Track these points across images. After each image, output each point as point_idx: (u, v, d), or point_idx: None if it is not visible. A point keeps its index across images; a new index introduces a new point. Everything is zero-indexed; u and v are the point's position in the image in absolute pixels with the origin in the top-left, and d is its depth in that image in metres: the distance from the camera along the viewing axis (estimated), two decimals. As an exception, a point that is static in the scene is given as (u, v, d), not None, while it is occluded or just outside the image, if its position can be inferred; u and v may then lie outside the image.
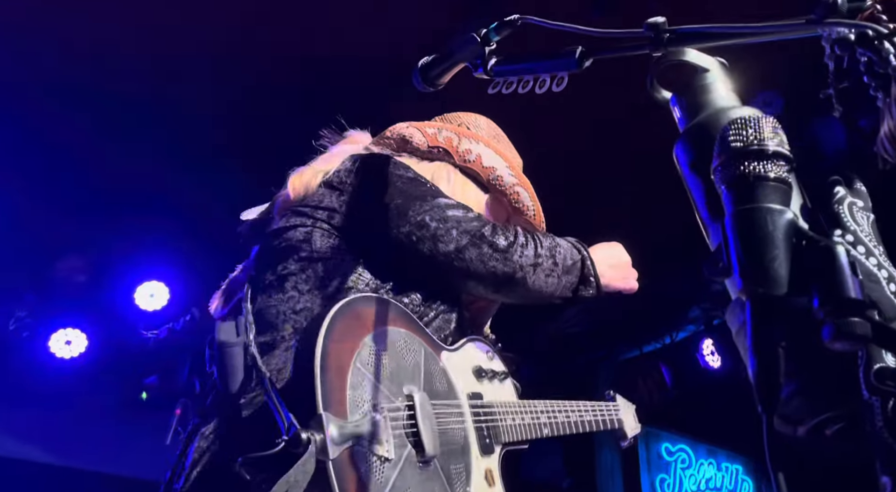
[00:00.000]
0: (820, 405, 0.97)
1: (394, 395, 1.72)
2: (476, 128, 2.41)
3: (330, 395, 1.57)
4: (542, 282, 2.02)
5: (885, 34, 1.02)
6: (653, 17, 1.43)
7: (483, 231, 1.97)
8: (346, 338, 1.69)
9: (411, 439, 1.70)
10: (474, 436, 1.94)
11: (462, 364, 2.04)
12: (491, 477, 1.93)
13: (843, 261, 0.86)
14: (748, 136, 0.98)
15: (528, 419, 2.17)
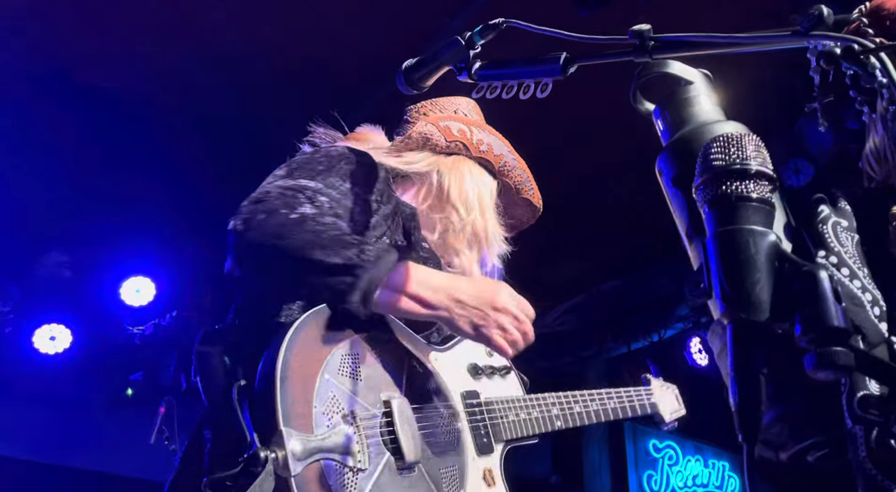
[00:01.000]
0: (803, 431, 0.95)
1: (370, 403, 1.70)
2: (469, 113, 2.37)
3: (292, 409, 1.55)
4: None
5: (871, 49, 1.00)
6: (637, 25, 1.41)
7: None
8: (313, 350, 1.67)
9: (390, 446, 1.68)
10: (470, 436, 1.91)
11: (455, 363, 2.01)
12: (490, 477, 1.90)
13: (826, 287, 0.84)
14: (731, 154, 0.96)
15: (535, 413, 2.12)
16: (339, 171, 1.90)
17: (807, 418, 0.94)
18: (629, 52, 1.39)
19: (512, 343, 1.81)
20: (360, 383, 1.71)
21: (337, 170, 1.90)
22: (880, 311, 0.98)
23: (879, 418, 0.84)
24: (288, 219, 1.66)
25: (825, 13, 1.09)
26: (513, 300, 1.83)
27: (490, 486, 1.89)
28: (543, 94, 1.72)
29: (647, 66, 1.22)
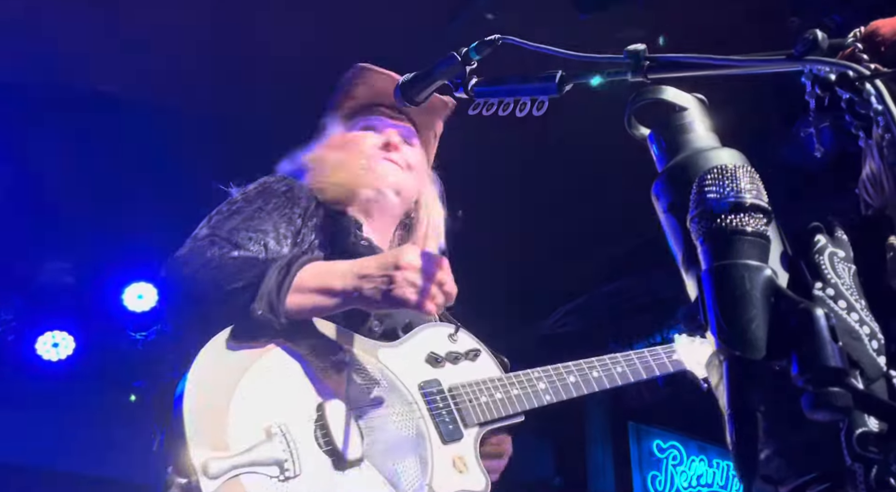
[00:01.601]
0: (802, 467, 0.94)
1: (301, 409, 1.73)
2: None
3: (204, 432, 1.60)
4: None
5: (866, 76, 0.99)
6: (633, 45, 1.41)
7: None
8: (229, 368, 1.71)
9: (326, 448, 1.70)
10: (431, 426, 1.90)
11: (409, 356, 2.01)
12: (462, 463, 1.89)
13: (823, 325, 0.83)
14: (725, 187, 0.96)
15: (515, 391, 2.08)
16: (251, 209, 2.03)
17: (806, 454, 0.94)
18: (624, 71, 1.40)
19: (430, 297, 1.81)
20: (288, 391, 1.75)
21: (249, 209, 2.03)
22: (878, 344, 0.98)
23: (879, 455, 0.84)
24: (197, 269, 1.82)
25: (820, 38, 1.09)
26: (417, 256, 1.84)
27: (462, 473, 1.87)
28: (539, 111, 1.72)
29: (641, 91, 1.22)
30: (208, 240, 1.90)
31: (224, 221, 1.98)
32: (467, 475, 1.87)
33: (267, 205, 2.06)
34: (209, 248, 1.86)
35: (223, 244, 1.88)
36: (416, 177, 2.40)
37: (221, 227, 1.96)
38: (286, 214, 2.06)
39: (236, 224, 1.96)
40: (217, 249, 1.85)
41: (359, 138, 2.39)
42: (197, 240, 1.93)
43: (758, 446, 0.84)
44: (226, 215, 2.01)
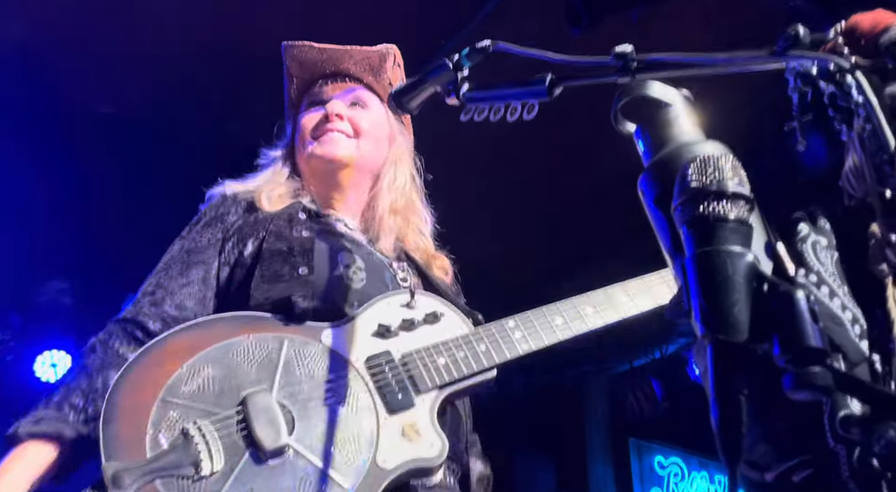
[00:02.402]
0: (787, 452, 0.95)
1: (223, 406, 1.74)
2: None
3: (120, 444, 1.64)
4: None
5: (847, 68, 1.01)
6: (620, 46, 1.43)
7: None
8: (149, 378, 1.75)
9: (247, 440, 1.70)
10: (377, 398, 1.84)
11: (356, 333, 1.94)
12: (413, 430, 1.82)
13: (803, 307, 0.84)
14: (707, 175, 0.97)
15: (482, 346, 1.96)
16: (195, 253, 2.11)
17: (790, 438, 0.94)
18: (613, 73, 1.42)
19: None
20: (211, 391, 1.75)
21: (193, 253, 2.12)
22: (860, 329, 0.98)
23: (861, 437, 0.84)
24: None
25: (801, 33, 1.10)
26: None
27: (412, 441, 1.81)
28: (530, 115, 1.73)
29: (627, 88, 1.24)
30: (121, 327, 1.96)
31: (147, 284, 2.06)
32: (418, 442, 1.81)
33: (196, 238, 2.14)
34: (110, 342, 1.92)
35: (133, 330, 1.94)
36: (371, 140, 2.32)
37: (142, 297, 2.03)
38: (209, 248, 2.11)
39: (155, 283, 2.05)
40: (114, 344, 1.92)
41: (304, 121, 2.35)
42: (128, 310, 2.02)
43: (742, 431, 0.84)
44: (151, 276, 2.09)
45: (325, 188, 2.31)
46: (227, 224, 2.17)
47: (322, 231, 2.16)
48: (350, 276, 2.06)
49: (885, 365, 0.98)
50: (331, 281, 2.02)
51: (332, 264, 2.06)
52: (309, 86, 2.41)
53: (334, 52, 2.37)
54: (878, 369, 0.98)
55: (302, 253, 2.03)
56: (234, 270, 2.09)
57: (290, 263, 2.01)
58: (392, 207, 2.30)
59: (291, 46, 2.37)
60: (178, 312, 2.00)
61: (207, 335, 1.85)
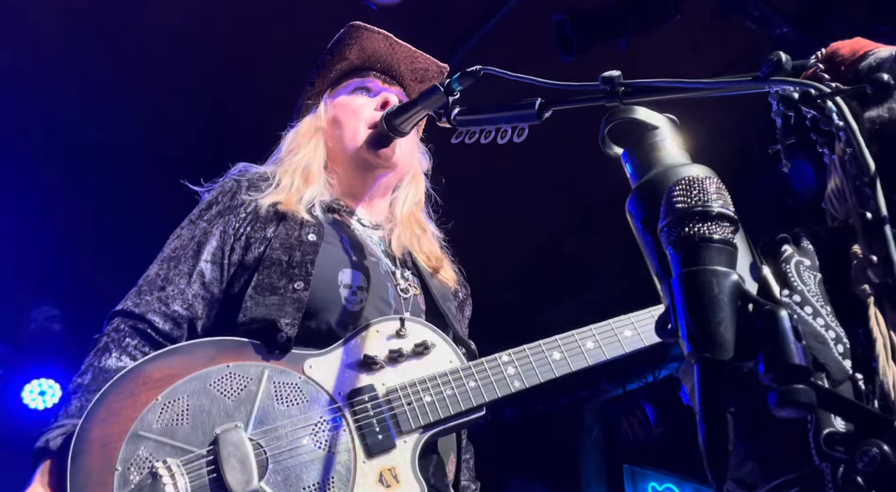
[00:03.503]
0: (773, 470, 0.95)
1: (195, 444, 1.68)
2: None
3: (86, 480, 1.61)
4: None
5: (827, 94, 1.03)
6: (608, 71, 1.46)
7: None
8: (121, 410, 1.69)
9: (216, 483, 1.64)
10: (356, 439, 1.76)
11: (341, 364, 1.86)
12: (392, 476, 1.74)
13: (786, 326, 0.86)
14: (693, 197, 0.99)
15: (472, 383, 1.86)
16: (189, 254, 2.04)
17: (777, 457, 0.95)
18: (601, 98, 1.44)
19: None
20: (185, 425, 1.69)
21: (184, 257, 2.04)
22: (844, 348, 1.00)
23: (845, 455, 0.85)
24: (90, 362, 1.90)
25: (783, 59, 1.13)
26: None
27: (389, 487, 1.72)
28: (520, 138, 1.76)
29: (614, 112, 1.26)
30: (127, 323, 1.92)
31: (154, 274, 2.01)
32: (395, 489, 1.72)
33: (208, 229, 2.07)
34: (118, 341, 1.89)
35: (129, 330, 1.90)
36: (409, 146, 2.30)
37: (150, 290, 1.98)
38: (219, 244, 2.05)
39: (164, 276, 2.00)
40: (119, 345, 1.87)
41: (353, 104, 2.26)
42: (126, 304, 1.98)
43: (728, 449, 0.85)
44: (158, 262, 2.04)
45: (356, 181, 2.24)
46: (240, 219, 2.08)
47: (332, 231, 2.09)
48: (348, 297, 1.97)
49: (868, 383, 0.99)
50: (327, 302, 1.95)
51: (331, 284, 1.98)
52: (356, 72, 2.34)
53: (404, 51, 2.34)
54: (862, 388, 0.99)
55: (301, 265, 1.96)
56: (238, 271, 2.02)
57: (288, 276, 1.94)
58: (410, 212, 2.28)
59: (363, 30, 2.29)
60: (188, 313, 1.95)
61: (186, 363, 1.79)
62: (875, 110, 1.15)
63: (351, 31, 2.29)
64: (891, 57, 1.19)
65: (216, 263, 2.03)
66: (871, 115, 1.13)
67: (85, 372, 1.83)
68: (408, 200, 2.29)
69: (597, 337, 2.02)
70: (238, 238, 2.05)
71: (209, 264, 2.02)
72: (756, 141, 4.98)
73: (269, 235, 2.03)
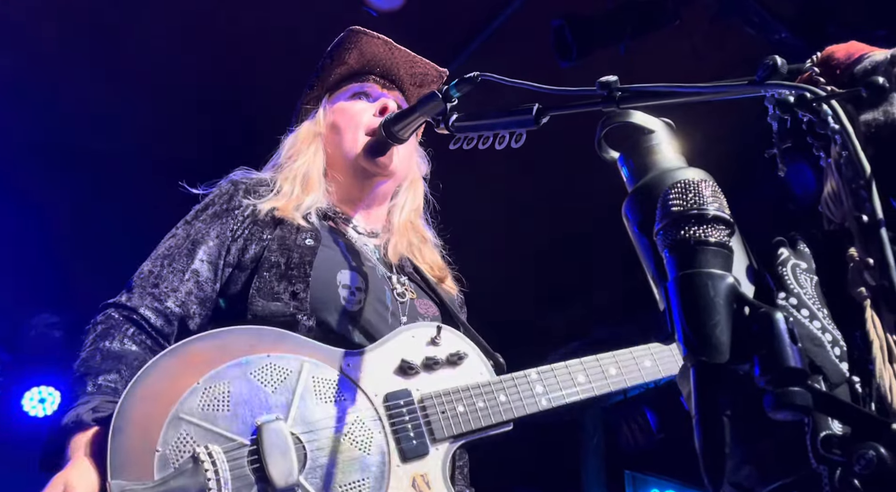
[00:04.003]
0: (770, 473, 0.95)
1: (236, 433, 1.67)
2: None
3: (128, 459, 1.57)
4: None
5: (822, 97, 1.04)
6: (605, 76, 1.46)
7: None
8: (164, 390, 1.68)
9: (257, 474, 1.64)
10: (391, 442, 1.79)
11: (378, 364, 1.88)
12: (424, 482, 1.77)
13: (782, 328, 0.86)
14: (688, 200, 0.99)
15: (503, 397, 1.92)
16: (182, 254, 2.04)
17: (774, 460, 0.95)
18: (598, 103, 1.44)
19: None
20: (225, 412, 1.69)
21: (177, 256, 2.04)
22: (840, 351, 1.00)
23: (842, 457, 0.85)
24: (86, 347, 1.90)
25: (779, 63, 1.13)
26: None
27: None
28: (517, 144, 1.76)
29: (610, 116, 1.26)
30: (122, 314, 1.92)
31: (147, 271, 2.02)
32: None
33: (204, 230, 2.07)
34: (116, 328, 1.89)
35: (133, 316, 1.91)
36: (408, 152, 2.31)
37: (143, 286, 1.98)
38: (215, 245, 2.05)
39: (157, 273, 1.99)
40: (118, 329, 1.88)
41: (353, 110, 2.27)
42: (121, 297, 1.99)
43: (725, 451, 0.85)
44: (151, 260, 2.04)
45: (354, 188, 2.25)
46: (237, 221, 2.09)
47: (329, 237, 2.10)
48: (347, 297, 1.99)
49: (864, 386, 0.99)
50: (326, 302, 1.96)
51: (329, 284, 1.99)
52: (355, 76, 2.35)
53: (403, 56, 2.35)
54: (859, 390, 0.99)
55: (300, 266, 1.97)
56: (234, 273, 2.03)
57: (287, 279, 1.95)
58: (408, 219, 2.29)
59: (362, 34, 2.30)
60: (181, 310, 1.95)
61: (226, 349, 1.78)
62: (870, 113, 1.15)
63: (350, 35, 2.30)
64: (886, 60, 1.19)
65: (211, 263, 2.03)
66: (867, 118, 1.13)
67: (91, 355, 1.82)
68: (406, 207, 2.30)
69: (619, 364, 2.08)
70: (235, 239, 2.06)
71: (204, 263, 2.02)
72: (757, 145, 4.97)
73: (266, 237, 2.03)
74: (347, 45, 2.31)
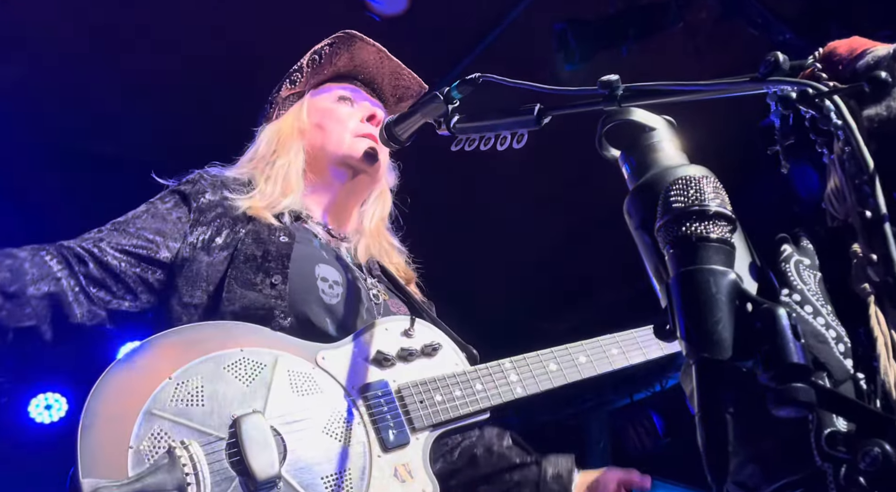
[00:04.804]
0: (775, 472, 0.94)
1: (213, 427, 1.65)
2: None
3: (98, 456, 1.54)
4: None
5: (825, 92, 1.03)
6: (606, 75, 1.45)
7: None
8: (134, 386, 1.64)
9: (236, 468, 1.61)
10: (371, 433, 1.78)
11: (353, 357, 1.88)
12: (406, 471, 1.77)
13: (785, 324, 0.85)
14: (689, 196, 0.98)
15: (479, 386, 1.93)
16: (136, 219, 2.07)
17: (778, 458, 0.94)
18: (599, 102, 1.44)
19: None
20: (201, 407, 1.66)
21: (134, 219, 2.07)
22: (845, 347, 0.99)
23: (847, 455, 0.84)
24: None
25: (781, 59, 1.12)
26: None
27: (404, 482, 1.75)
28: (519, 144, 1.76)
29: (611, 114, 1.25)
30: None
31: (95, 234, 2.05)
32: (410, 485, 1.75)
33: (150, 209, 2.09)
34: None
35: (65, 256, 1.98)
36: (386, 161, 2.34)
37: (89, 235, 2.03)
38: (175, 225, 2.05)
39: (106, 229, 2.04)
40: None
41: (337, 109, 2.29)
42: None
43: (728, 449, 0.84)
44: (112, 222, 2.09)
45: (331, 190, 2.26)
46: (201, 205, 2.07)
47: (303, 236, 2.10)
48: (326, 290, 2.00)
49: (869, 383, 0.98)
50: (304, 294, 1.96)
51: (308, 276, 1.99)
52: (339, 78, 2.37)
53: (392, 67, 2.38)
54: (863, 387, 0.98)
55: (277, 258, 1.96)
56: (196, 253, 2.00)
57: (264, 270, 1.94)
58: (378, 225, 2.31)
59: (358, 40, 2.32)
60: (115, 262, 1.96)
61: (198, 343, 1.76)
62: (873, 108, 1.14)
63: (345, 38, 2.33)
64: (888, 55, 1.19)
65: (170, 239, 2.02)
66: (870, 113, 1.12)
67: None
68: (375, 214, 2.33)
69: (588, 353, 2.14)
70: (200, 222, 2.05)
71: (160, 236, 2.02)
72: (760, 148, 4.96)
73: (240, 230, 2.03)
74: (340, 49, 2.33)
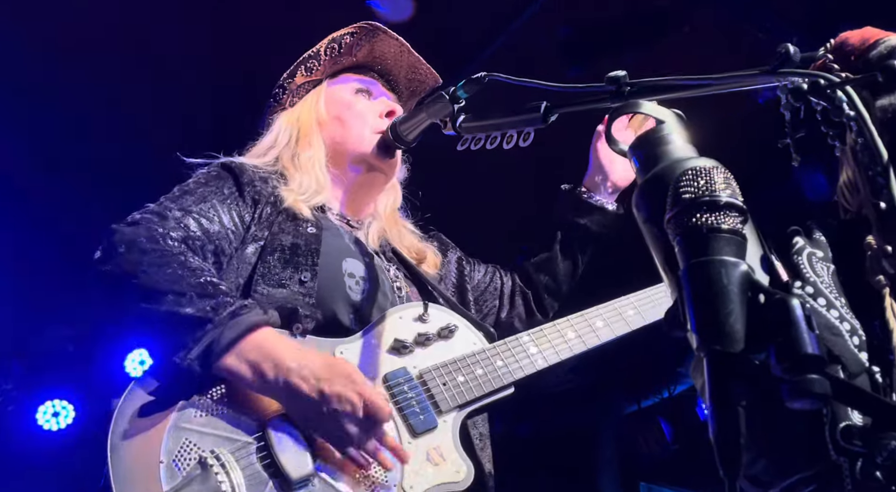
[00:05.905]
0: (789, 467, 0.92)
1: (241, 432, 1.65)
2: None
3: (130, 473, 1.55)
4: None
5: (837, 83, 1.01)
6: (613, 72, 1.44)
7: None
8: (160, 400, 1.66)
9: (269, 470, 1.62)
10: (399, 420, 1.78)
11: (370, 348, 1.87)
12: (438, 454, 1.77)
13: (798, 315, 0.83)
14: (700, 187, 0.96)
15: (500, 362, 1.93)
16: (211, 195, 1.99)
17: (792, 453, 0.92)
18: (606, 98, 1.42)
19: (357, 452, 1.69)
20: (227, 414, 1.67)
21: (209, 194, 1.98)
22: (859, 340, 0.97)
23: (863, 449, 0.82)
24: (147, 254, 1.73)
25: (792, 51, 1.11)
26: (376, 401, 1.69)
27: (437, 465, 1.75)
28: (525, 143, 1.75)
29: (620, 107, 1.24)
30: (157, 214, 1.87)
31: (175, 199, 1.97)
32: (444, 467, 1.75)
33: (219, 189, 2.04)
34: (165, 237, 1.80)
35: (179, 241, 1.82)
36: (398, 154, 2.31)
37: (172, 203, 1.94)
38: (234, 200, 2.02)
39: (187, 203, 1.95)
40: (173, 243, 1.80)
41: (356, 102, 2.27)
42: (146, 212, 1.90)
43: (740, 442, 0.82)
44: (175, 195, 2.00)
45: (348, 184, 2.24)
46: (239, 193, 2.05)
47: (329, 227, 2.08)
48: (352, 286, 1.98)
49: (885, 377, 0.96)
50: (332, 291, 1.94)
51: (336, 272, 1.97)
52: (356, 69, 2.35)
53: (411, 61, 2.36)
54: (879, 380, 0.96)
55: (307, 253, 1.94)
56: (239, 243, 1.98)
57: (294, 265, 1.92)
58: (393, 211, 2.31)
59: (380, 32, 2.30)
60: (200, 232, 1.90)
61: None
62: (887, 99, 1.13)
63: (368, 30, 2.30)
64: (901, 44, 1.17)
65: (222, 214, 1.99)
66: (883, 103, 1.11)
67: (172, 267, 1.74)
68: (389, 204, 2.32)
69: (604, 317, 2.14)
70: (246, 204, 2.03)
71: (214, 212, 1.98)
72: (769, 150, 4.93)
73: (272, 219, 2.01)
74: (363, 40, 2.30)
